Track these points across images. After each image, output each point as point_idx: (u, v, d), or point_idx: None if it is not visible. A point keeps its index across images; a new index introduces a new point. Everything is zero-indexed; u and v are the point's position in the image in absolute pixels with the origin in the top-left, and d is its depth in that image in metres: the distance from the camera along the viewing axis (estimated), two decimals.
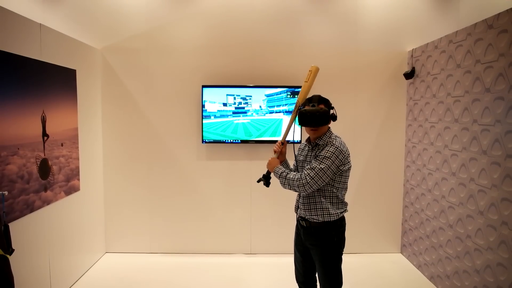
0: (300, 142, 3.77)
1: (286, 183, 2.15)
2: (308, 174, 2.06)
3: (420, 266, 3.61)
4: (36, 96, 2.70)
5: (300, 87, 3.78)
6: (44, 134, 2.81)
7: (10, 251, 2.02)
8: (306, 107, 2.16)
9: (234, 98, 3.79)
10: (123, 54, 3.84)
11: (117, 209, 3.98)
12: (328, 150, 2.08)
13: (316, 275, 2.36)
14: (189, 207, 4.00)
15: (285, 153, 2.37)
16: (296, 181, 2.09)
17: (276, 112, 3.81)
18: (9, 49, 2.38)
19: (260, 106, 3.81)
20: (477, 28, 2.73)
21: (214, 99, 3.78)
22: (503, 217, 2.41)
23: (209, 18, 3.83)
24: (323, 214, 2.15)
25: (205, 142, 3.83)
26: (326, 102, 2.19)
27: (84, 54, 3.52)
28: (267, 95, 3.81)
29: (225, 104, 3.80)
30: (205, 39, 3.85)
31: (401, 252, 4.06)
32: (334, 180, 2.14)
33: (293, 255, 2.44)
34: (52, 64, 2.91)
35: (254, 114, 3.82)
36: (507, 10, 2.42)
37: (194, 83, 3.87)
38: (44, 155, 2.81)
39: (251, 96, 3.80)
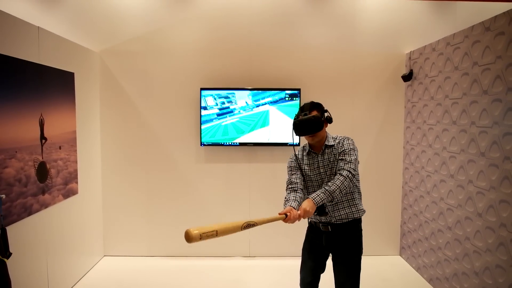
0: (298, 144, 3.77)
1: (337, 191, 1.99)
2: (350, 167, 2.07)
3: (419, 268, 3.61)
4: (34, 99, 2.69)
5: (298, 89, 3.79)
6: (42, 137, 2.80)
7: (8, 254, 2.01)
8: (300, 117, 2.15)
9: (215, 99, 3.74)
10: (122, 57, 3.85)
11: (116, 212, 3.96)
12: (349, 143, 2.15)
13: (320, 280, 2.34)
14: (188, 210, 3.99)
15: (293, 213, 2.07)
16: (346, 180, 2.01)
17: (262, 105, 3.79)
18: (7, 52, 2.38)
19: (246, 102, 3.78)
20: (475, 30, 2.74)
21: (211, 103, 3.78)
22: (501, 219, 2.41)
23: (207, 21, 3.84)
24: (352, 211, 2.18)
25: (204, 144, 3.83)
26: (318, 107, 2.19)
27: (82, 57, 3.52)
28: (252, 91, 3.81)
29: (204, 108, 3.77)
30: (204, 42, 3.85)
31: (400, 254, 4.06)
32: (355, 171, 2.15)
33: (292, 258, 2.43)
34: (50, 67, 2.91)
35: (241, 111, 3.80)
36: (504, 12, 2.43)
37: (192, 86, 3.87)
38: (42, 158, 2.80)
39: (234, 93, 3.77)
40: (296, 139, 3.78)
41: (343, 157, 2.11)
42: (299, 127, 2.13)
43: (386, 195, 4.03)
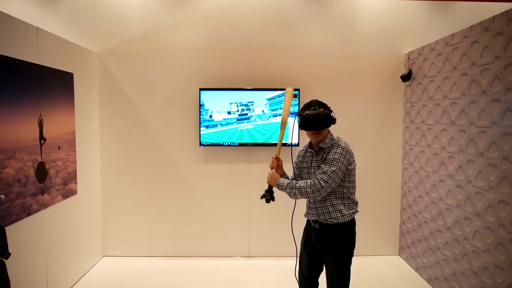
0: (297, 145, 3.77)
1: (297, 192, 2.13)
2: (322, 178, 2.07)
3: (418, 268, 3.61)
4: (33, 99, 2.69)
5: (297, 89, 3.79)
6: (41, 138, 2.80)
7: (7, 255, 2.01)
8: (307, 112, 2.16)
9: (237, 106, 3.80)
10: (121, 58, 3.84)
11: (115, 213, 3.96)
12: (335, 152, 2.11)
13: (319, 278, 2.36)
14: (187, 210, 3.99)
15: (281, 165, 2.38)
16: (310, 187, 2.08)
17: (279, 115, 3.81)
18: (6, 53, 2.38)
19: (263, 111, 3.81)
20: (473, 30, 2.74)
21: (220, 108, 3.79)
22: (500, 219, 2.42)
23: (207, 21, 3.84)
24: (337, 216, 2.16)
25: (203, 145, 3.83)
26: (325, 106, 2.21)
27: (82, 58, 3.52)
28: (269, 99, 3.81)
29: (229, 112, 3.81)
30: (203, 42, 3.85)
31: (399, 254, 4.06)
32: (344, 180, 2.16)
33: (291, 258, 2.44)
34: (49, 67, 2.91)
35: (257, 119, 3.83)
36: (502, 12, 2.44)
37: (191, 86, 3.87)
38: (41, 159, 2.80)
39: (252, 102, 3.80)
40: (295, 139, 3.77)
41: (323, 165, 2.12)
42: (307, 121, 2.13)
43: (385, 195, 4.04)
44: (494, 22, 2.51)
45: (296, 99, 3.80)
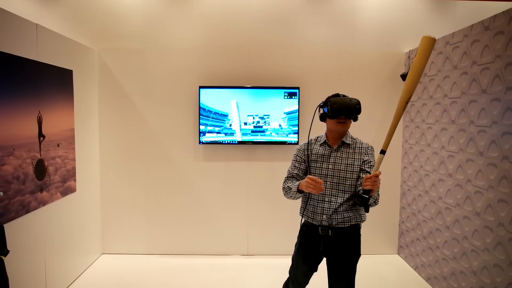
0: (297, 143, 3.77)
1: (373, 202, 2.01)
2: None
3: (417, 267, 3.61)
4: (32, 96, 2.68)
5: (297, 88, 3.78)
6: (40, 135, 2.79)
7: (5, 252, 2.00)
8: (343, 97, 2.05)
9: (253, 118, 3.78)
10: (120, 55, 3.83)
11: (114, 210, 3.96)
12: (373, 154, 2.13)
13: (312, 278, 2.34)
14: (186, 208, 3.99)
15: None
16: (379, 196, 2.03)
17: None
18: (5, 49, 2.37)
19: (280, 125, 3.76)
20: (474, 29, 2.74)
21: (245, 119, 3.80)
22: (499, 218, 2.42)
23: (207, 19, 3.83)
24: (355, 216, 2.10)
25: (202, 143, 3.82)
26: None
27: (81, 55, 3.51)
28: (287, 113, 3.77)
29: (245, 123, 3.80)
30: (202, 39, 3.84)
31: (398, 253, 4.07)
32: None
33: (290, 257, 2.33)
34: (48, 64, 2.90)
35: (273, 134, 3.79)
36: (503, 11, 2.43)
37: (191, 84, 3.86)
38: (40, 156, 2.80)
39: (269, 115, 3.78)
40: (294, 137, 3.76)
41: (370, 171, 2.05)
42: (343, 106, 2.00)
43: (385, 194, 4.02)
44: (495, 21, 2.50)
45: (295, 97, 3.80)
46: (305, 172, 2.21)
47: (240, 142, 3.83)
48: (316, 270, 2.25)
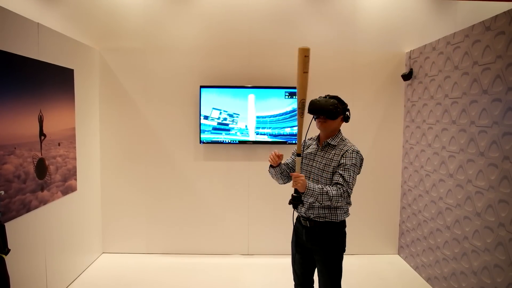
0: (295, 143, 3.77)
1: (326, 199, 1.99)
2: (349, 187, 2.03)
3: (417, 267, 3.61)
4: (34, 95, 2.69)
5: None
6: (41, 134, 2.80)
7: (6, 251, 2.01)
8: (319, 97, 2.17)
9: (220, 113, 3.74)
10: (121, 54, 3.84)
11: (114, 209, 3.96)
12: (351, 157, 2.08)
13: (315, 276, 2.35)
14: (187, 207, 3.99)
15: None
16: (341, 197, 2.01)
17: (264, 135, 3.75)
18: (6, 48, 2.37)
19: (246, 126, 3.71)
20: (475, 30, 2.73)
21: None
22: (500, 218, 2.42)
23: (208, 18, 3.83)
24: (331, 213, 2.14)
25: (203, 142, 3.83)
26: (339, 100, 2.19)
27: (82, 54, 3.51)
28: (287, 112, 3.75)
29: (206, 117, 3.75)
30: (203, 39, 3.84)
31: (399, 254, 4.07)
32: None
33: (290, 256, 2.41)
34: (49, 63, 2.90)
35: (238, 133, 3.76)
36: (504, 12, 2.43)
37: (192, 84, 3.87)
38: (41, 155, 2.80)
39: (269, 115, 3.75)
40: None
41: (342, 173, 2.05)
42: (313, 104, 2.13)
43: (385, 194, 4.03)
44: (496, 22, 2.50)
45: (295, 97, 3.78)
46: (294, 164, 2.36)
47: (240, 142, 3.84)
48: (315, 266, 2.30)
